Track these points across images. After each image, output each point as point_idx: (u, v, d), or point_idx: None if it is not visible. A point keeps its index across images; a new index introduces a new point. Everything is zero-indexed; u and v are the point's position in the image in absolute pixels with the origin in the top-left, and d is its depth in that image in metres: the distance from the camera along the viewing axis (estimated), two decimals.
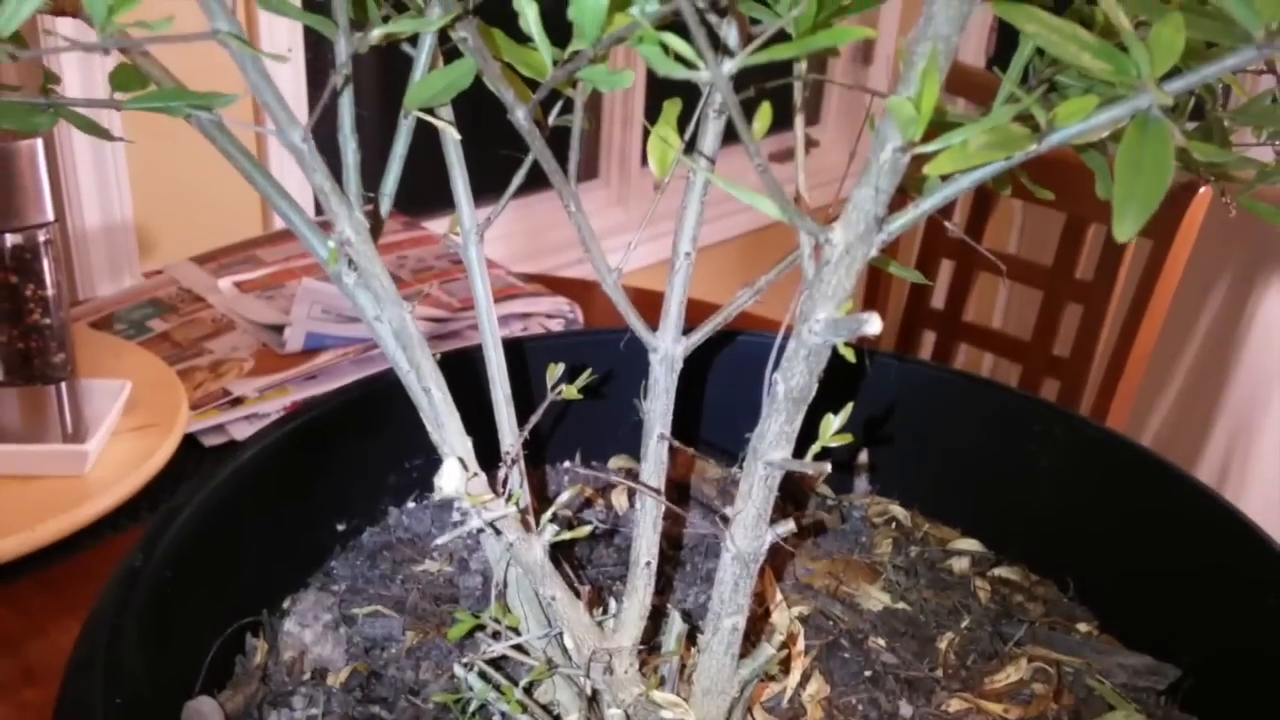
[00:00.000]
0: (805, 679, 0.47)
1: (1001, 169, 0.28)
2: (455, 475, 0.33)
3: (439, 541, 0.33)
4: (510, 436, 0.39)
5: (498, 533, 0.35)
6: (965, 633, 0.51)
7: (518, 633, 0.39)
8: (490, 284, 1.06)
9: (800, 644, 0.48)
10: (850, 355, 0.29)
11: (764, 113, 0.30)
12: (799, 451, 0.34)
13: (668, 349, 0.36)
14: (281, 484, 0.48)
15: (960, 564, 0.55)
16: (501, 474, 0.37)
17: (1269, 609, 0.46)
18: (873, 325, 0.28)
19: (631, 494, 0.58)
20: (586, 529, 0.38)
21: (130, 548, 0.40)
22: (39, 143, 0.81)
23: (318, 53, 1.52)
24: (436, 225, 1.50)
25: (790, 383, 0.31)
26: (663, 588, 0.50)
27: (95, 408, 0.91)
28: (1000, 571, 0.55)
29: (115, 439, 0.89)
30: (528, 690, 0.40)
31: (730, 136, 0.35)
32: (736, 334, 0.57)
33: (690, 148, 0.35)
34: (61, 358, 0.87)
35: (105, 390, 0.93)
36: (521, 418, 0.40)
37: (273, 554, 0.48)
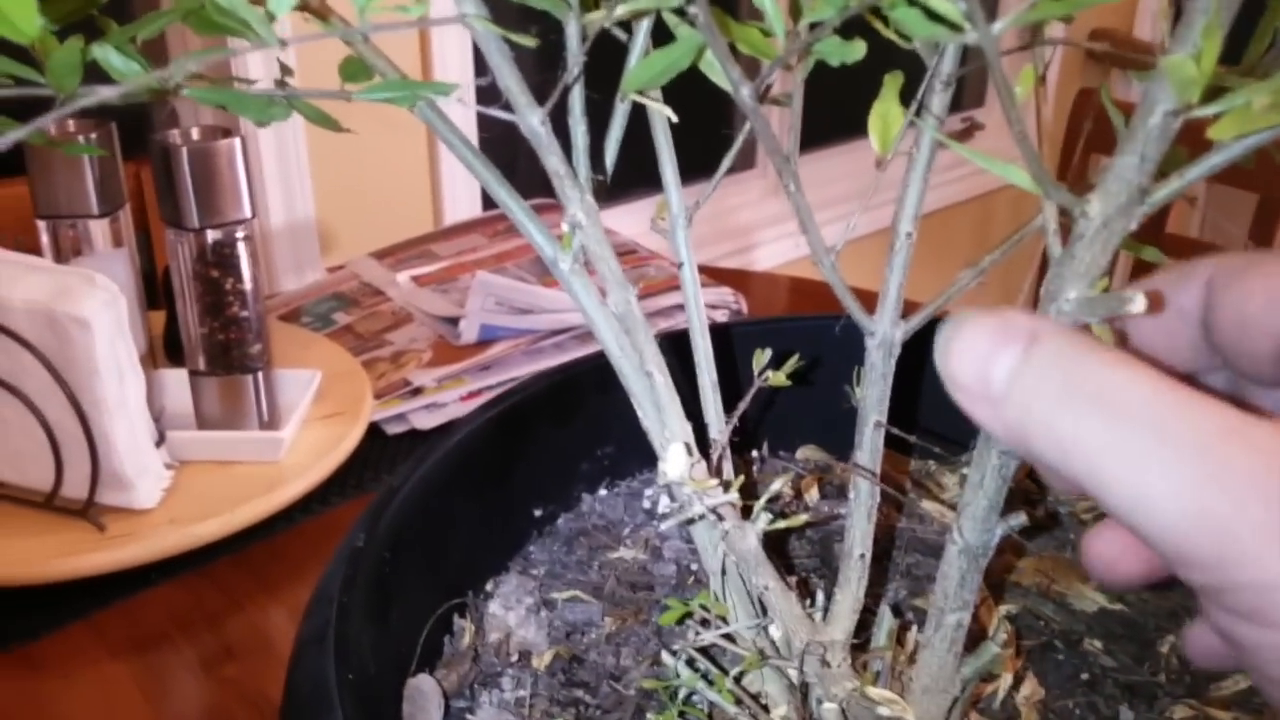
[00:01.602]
0: (1019, 681, 0.45)
1: (1272, 137, 0.26)
2: (681, 460, 0.32)
3: (663, 526, 0.33)
4: (717, 423, 0.39)
5: (719, 518, 0.34)
6: None
7: (725, 622, 0.39)
8: (656, 275, 1.06)
9: (1013, 644, 0.46)
10: (1107, 337, 0.28)
11: (1026, 76, 0.29)
12: None
13: (886, 332, 0.35)
14: (486, 468, 0.49)
15: None
16: (714, 460, 0.36)
17: None
18: (1138, 304, 0.26)
19: (823, 485, 0.57)
20: (802, 518, 0.38)
21: (351, 527, 0.41)
22: (237, 141, 0.85)
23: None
24: (609, 218, 1.51)
25: None
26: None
27: (288, 396, 0.95)
28: None
29: (306, 426, 0.93)
30: (737, 680, 0.39)
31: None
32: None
33: (913, 125, 0.34)
34: (258, 348, 0.91)
35: (297, 380, 0.97)
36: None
37: (477, 537, 0.49)
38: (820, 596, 0.40)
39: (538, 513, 0.53)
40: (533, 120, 0.29)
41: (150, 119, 1.52)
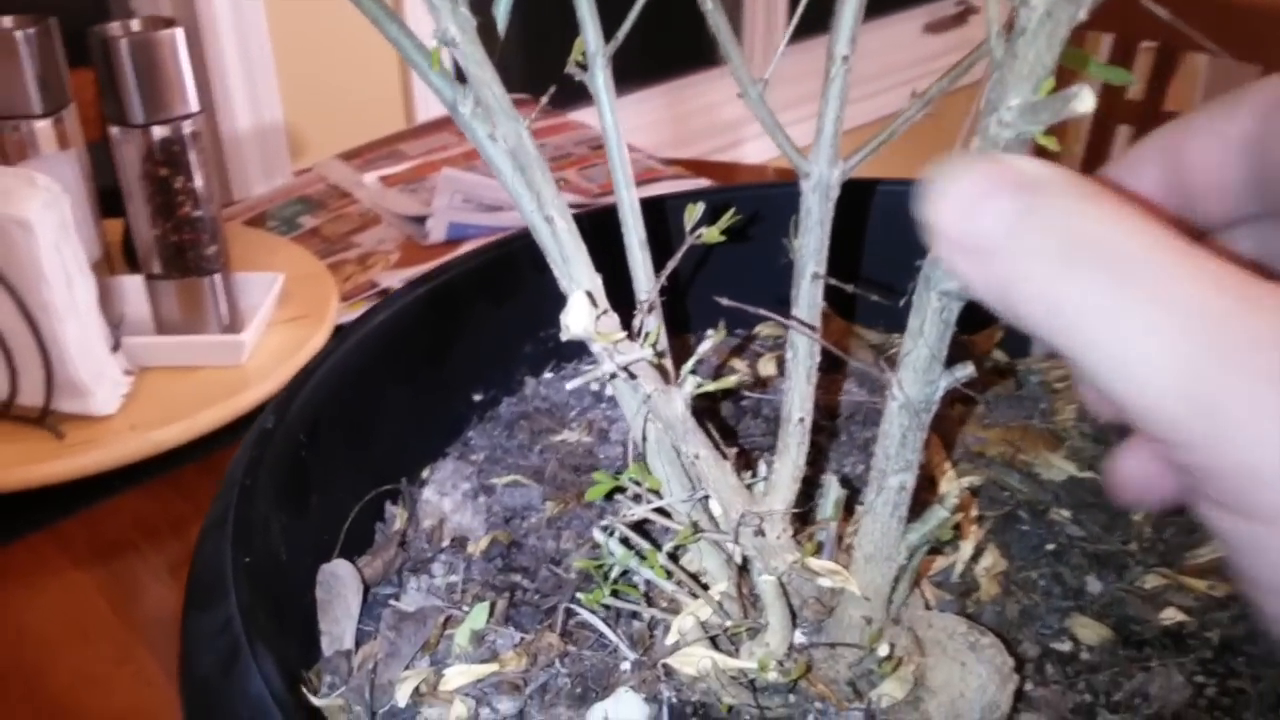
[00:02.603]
0: (979, 552, 0.43)
1: None
2: (583, 311, 0.29)
3: (571, 385, 0.30)
4: (646, 283, 0.36)
5: (632, 377, 0.31)
6: None
7: (660, 496, 0.37)
8: (630, 168, 1.01)
9: (973, 514, 0.44)
10: (1053, 145, 0.25)
11: None
12: None
13: (822, 173, 0.32)
14: (416, 350, 0.46)
15: None
16: (637, 321, 0.34)
17: None
18: (1084, 101, 0.23)
19: (780, 360, 0.54)
20: (732, 379, 0.35)
21: (264, 411, 0.39)
22: (179, 32, 0.81)
23: None
24: (589, 115, 1.47)
25: None
26: (815, 458, 0.46)
27: (250, 300, 0.92)
28: None
29: (270, 330, 0.91)
30: (672, 556, 0.37)
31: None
32: (898, 183, 0.51)
33: None
34: (214, 250, 0.88)
35: (259, 283, 0.94)
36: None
37: (410, 422, 0.46)
38: (763, 470, 0.37)
39: (478, 397, 0.50)
40: None
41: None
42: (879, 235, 0.49)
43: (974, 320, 0.56)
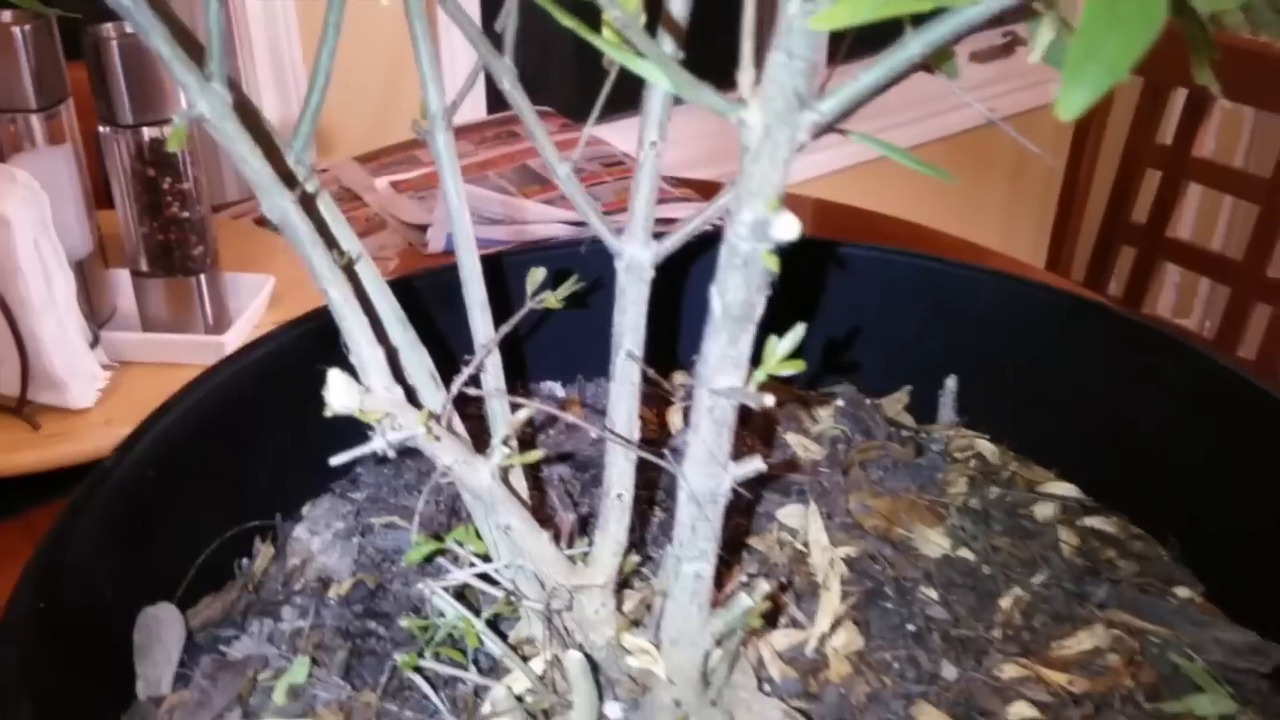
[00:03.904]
0: (836, 628, 0.42)
1: (967, 22, 0.21)
2: (341, 389, 0.29)
3: (335, 461, 0.30)
4: (484, 343, 0.36)
5: (394, 451, 0.31)
6: (1037, 589, 0.44)
7: (488, 560, 0.36)
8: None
9: (835, 589, 0.43)
10: (773, 265, 0.24)
11: None
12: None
13: (634, 255, 0.32)
14: (302, 383, 0.46)
15: (1045, 510, 0.48)
16: (455, 386, 0.33)
17: None
18: (783, 229, 0.22)
19: (686, 411, 0.54)
20: (538, 453, 0.35)
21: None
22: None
23: None
24: (606, 130, 1.46)
25: (726, 298, 0.26)
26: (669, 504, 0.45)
27: (239, 301, 0.94)
28: (1093, 521, 0.48)
29: (258, 332, 0.92)
30: (493, 623, 0.37)
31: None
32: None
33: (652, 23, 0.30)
34: (201, 250, 0.89)
35: (249, 284, 0.95)
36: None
37: (292, 457, 0.47)
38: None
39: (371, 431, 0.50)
40: None
41: None
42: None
43: (883, 381, 0.55)
